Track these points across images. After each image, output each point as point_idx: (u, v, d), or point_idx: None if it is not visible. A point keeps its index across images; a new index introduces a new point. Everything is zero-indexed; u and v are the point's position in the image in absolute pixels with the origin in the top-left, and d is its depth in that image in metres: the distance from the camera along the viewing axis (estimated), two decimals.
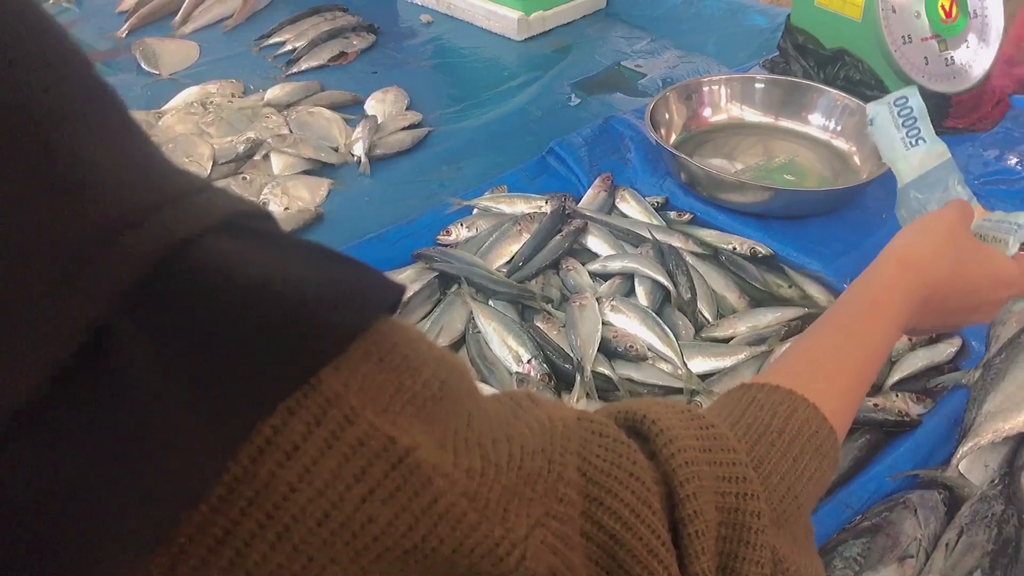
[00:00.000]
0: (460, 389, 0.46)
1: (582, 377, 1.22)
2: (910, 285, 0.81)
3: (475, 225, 1.56)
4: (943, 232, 0.86)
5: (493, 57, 2.29)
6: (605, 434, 0.53)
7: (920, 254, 0.84)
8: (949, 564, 0.98)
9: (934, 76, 1.75)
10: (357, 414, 0.39)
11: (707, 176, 1.59)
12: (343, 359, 0.39)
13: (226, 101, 2.07)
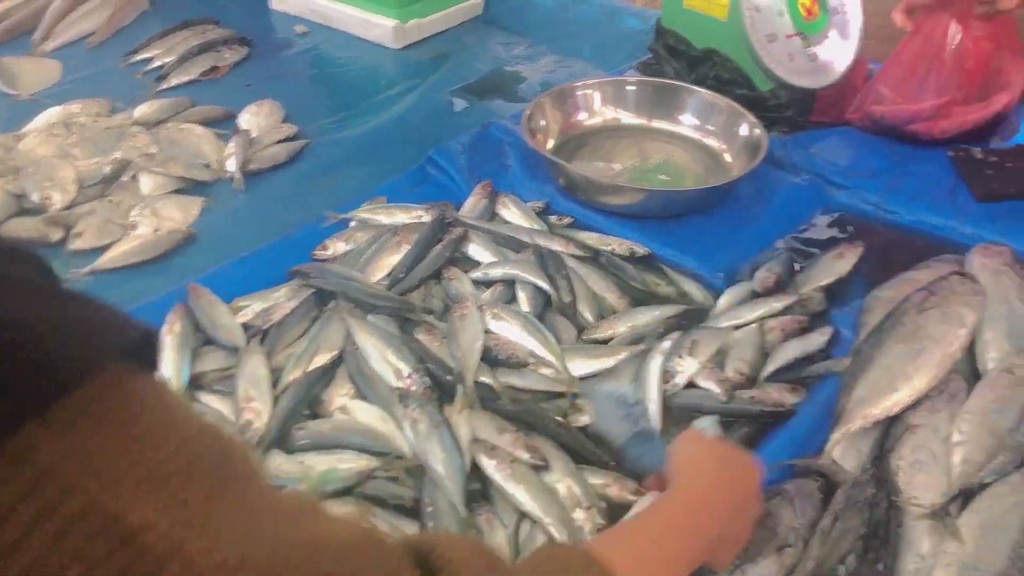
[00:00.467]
0: (225, 469, 0.42)
1: (464, 388, 1.21)
2: (703, 490, 0.87)
3: (353, 238, 1.53)
4: (709, 442, 0.97)
5: (370, 66, 2.26)
6: (386, 555, 0.51)
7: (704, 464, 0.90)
8: (825, 550, 1.00)
9: (799, 72, 1.81)
10: (76, 487, 0.35)
11: (585, 180, 1.60)
12: (67, 424, 0.36)
13: (91, 121, 1.98)
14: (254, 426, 1.16)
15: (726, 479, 0.90)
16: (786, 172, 1.71)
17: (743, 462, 0.94)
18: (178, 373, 1.24)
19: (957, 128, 1.74)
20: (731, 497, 0.88)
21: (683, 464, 0.90)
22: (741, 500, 0.90)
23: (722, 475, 0.90)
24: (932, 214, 1.59)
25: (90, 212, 1.66)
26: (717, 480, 0.89)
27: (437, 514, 1.06)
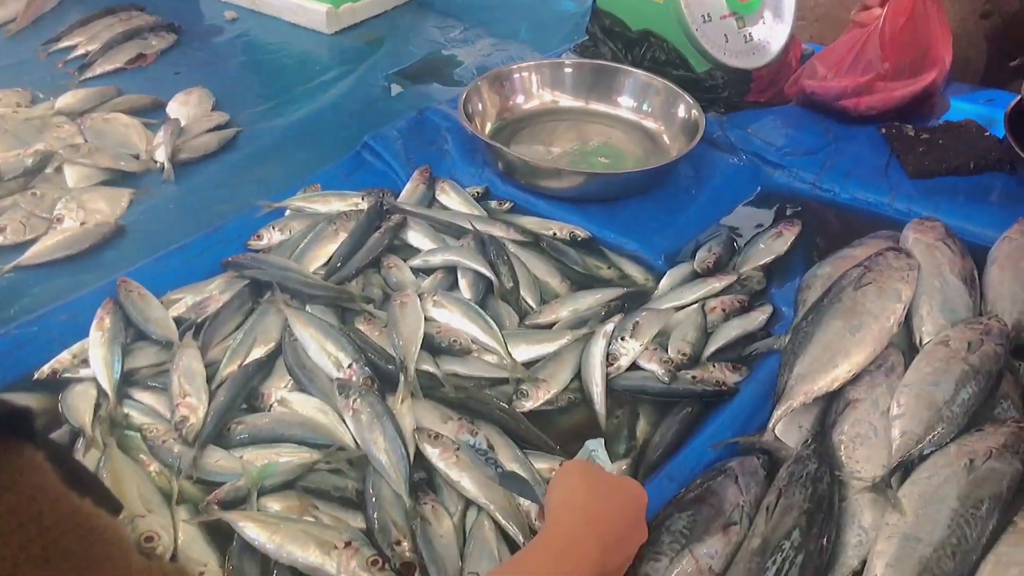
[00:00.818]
0: (86, 554, 0.40)
1: (406, 377, 1.19)
2: (576, 528, 0.85)
3: (288, 227, 1.50)
4: (581, 476, 0.92)
5: (303, 52, 2.22)
6: None
7: (576, 501, 0.89)
8: (770, 526, 1.00)
9: (734, 53, 1.82)
10: None
11: (524, 164, 1.58)
12: None
13: (11, 111, 1.91)
14: (190, 422, 1.12)
15: (602, 515, 0.88)
16: (724, 153, 1.72)
17: (623, 492, 0.92)
18: (109, 370, 1.20)
19: (883, 104, 1.77)
20: (609, 529, 0.87)
21: (555, 505, 0.89)
22: (620, 531, 0.89)
23: (597, 511, 0.88)
24: (866, 191, 1.62)
25: (12, 206, 1.59)
26: (590, 519, 0.87)
27: (381, 504, 1.04)
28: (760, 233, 1.52)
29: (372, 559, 0.96)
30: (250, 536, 0.99)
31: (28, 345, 1.26)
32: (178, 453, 1.11)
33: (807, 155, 1.72)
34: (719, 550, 0.98)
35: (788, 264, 1.46)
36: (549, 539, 0.85)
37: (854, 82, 1.77)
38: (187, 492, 1.08)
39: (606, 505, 0.89)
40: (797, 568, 0.96)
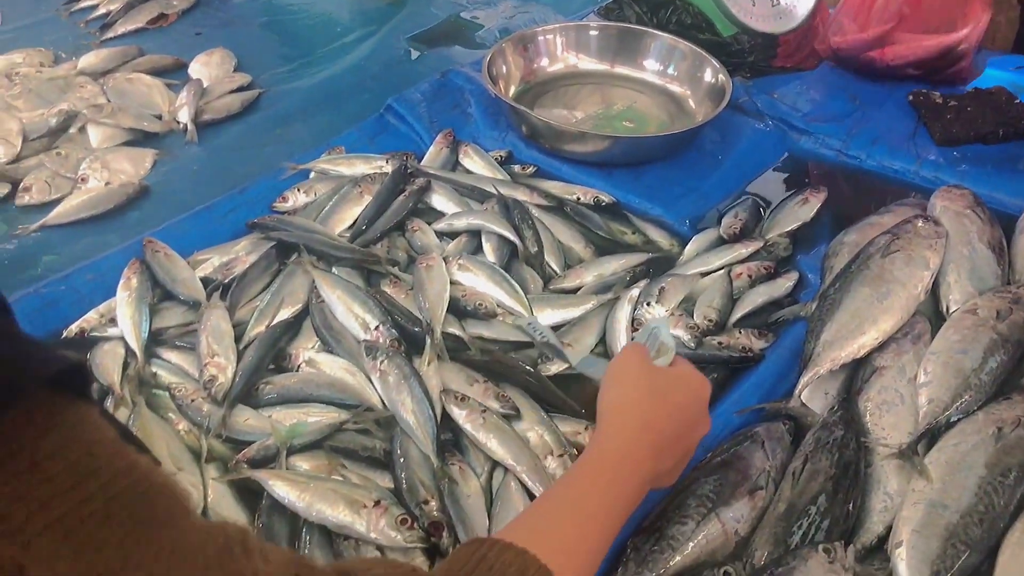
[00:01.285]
0: (148, 510, 0.40)
1: (432, 339, 1.19)
2: (631, 435, 0.82)
3: (313, 190, 1.50)
4: (640, 374, 0.88)
5: (325, 13, 2.20)
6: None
7: (630, 403, 0.85)
8: (796, 492, 1.01)
9: (761, 17, 1.79)
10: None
11: (548, 128, 1.57)
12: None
13: (34, 71, 1.91)
14: (218, 381, 1.13)
15: (657, 417, 0.84)
16: (750, 118, 1.71)
17: (682, 386, 0.89)
18: (137, 330, 1.21)
19: (911, 54, 1.75)
20: (666, 429, 0.84)
21: (607, 408, 0.86)
22: (677, 430, 0.86)
23: (652, 414, 0.84)
24: (893, 158, 1.60)
25: (37, 166, 1.60)
26: (644, 423, 0.84)
27: (409, 465, 1.05)
28: (786, 199, 1.51)
29: (401, 518, 0.97)
30: (280, 494, 1.00)
31: (57, 304, 1.27)
32: (207, 412, 1.12)
33: (834, 121, 1.70)
34: (745, 514, 0.99)
35: (814, 231, 1.46)
36: (600, 451, 0.82)
37: (879, 31, 1.75)
38: (216, 451, 1.09)
39: (662, 405, 0.86)
40: (823, 533, 0.97)
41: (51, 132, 1.70)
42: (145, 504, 0.39)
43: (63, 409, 0.37)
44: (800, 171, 1.62)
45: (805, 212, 1.47)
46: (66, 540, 0.35)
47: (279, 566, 0.48)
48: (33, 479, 0.34)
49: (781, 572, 0.89)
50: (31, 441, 0.35)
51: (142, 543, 0.38)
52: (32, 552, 0.33)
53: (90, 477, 0.36)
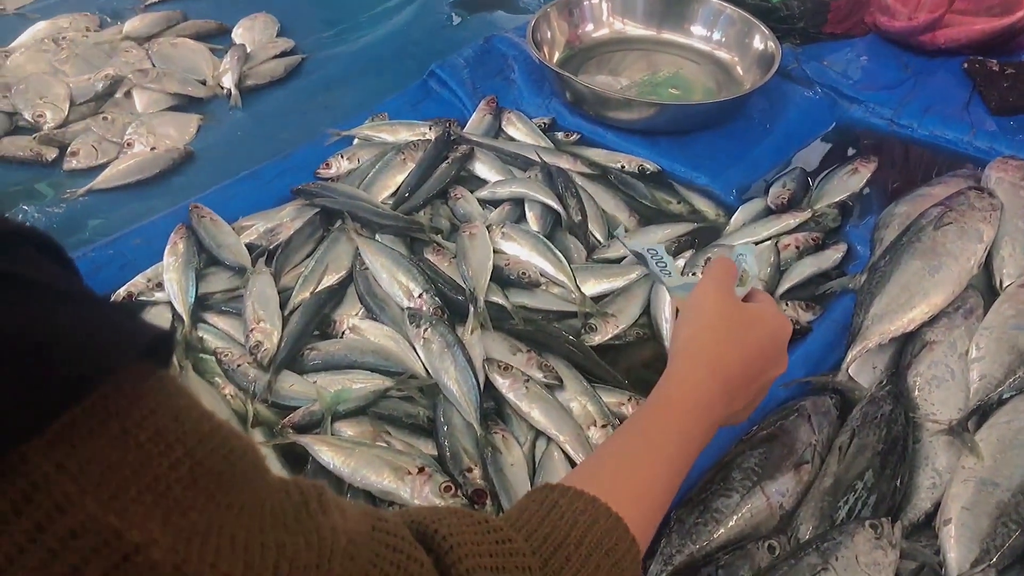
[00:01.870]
0: (230, 472, 0.40)
1: (475, 308, 1.19)
2: (701, 377, 0.80)
3: (356, 156, 1.50)
4: (716, 313, 0.85)
5: None
6: (400, 549, 0.50)
7: (702, 344, 0.83)
8: (843, 467, 1.00)
9: None
10: (72, 501, 0.33)
11: (593, 94, 1.55)
12: (63, 432, 0.33)
13: (80, 36, 1.92)
14: (264, 347, 1.14)
15: (730, 359, 0.81)
16: (799, 86, 1.67)
17: (760, 326, 0.85)
18: (184, 294, 1.22)
19: (965, 37, 1.70)
20: (738, 372, 0.82)
21: (680, 348, 0.83)
22: (750, 372, 0.83)
23: (726, 357, 0.81)
24: (946, 128, 1.56)
25: (84, 130, 1.61)
26: (718, 363, 0.81)
27: (452, 432, 1.05)
28: (835, 169, 1.48)
29: (445, 485, 0.98)
30: (325, 460, 1.01)
31: (104, 268, 1.29)
32: (253, 377, 1.13)
33: (885, 89, 1.66)
34: (790, 488, 0.98)
35: (864, 202, 1.43)
36: (669, 394, 0.80)
37: (927, 18, 1.69)
38: (262, 415, 1.10)
39: (736, 347, 0.82)
40: (870, 509, 0.96)
41: (97, 97, 1.71)
42: (228, 467, 0.40)
43: (148, 376, 0.38)
44: (849, 141, 1.59)
45: (855, 182, 1.44)
46: (156, 505, 0.35)
47: (356, 520, 0.48)
48: (124, 447, 0.35)
49: (827, 547, 0.88)
50: (121, 410, 0.35)
51: (224, 505, 0.39)
52: (128, 518, 0.34)
53: (177, 443, 0.37)
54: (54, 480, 0.33)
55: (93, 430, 0.34)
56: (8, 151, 1.56)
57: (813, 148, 1.57)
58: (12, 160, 1.55)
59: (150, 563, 0.34)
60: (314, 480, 0.49)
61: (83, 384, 0.34)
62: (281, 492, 0.44)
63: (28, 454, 0.32)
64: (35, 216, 1.42)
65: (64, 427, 0.33)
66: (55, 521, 0.32)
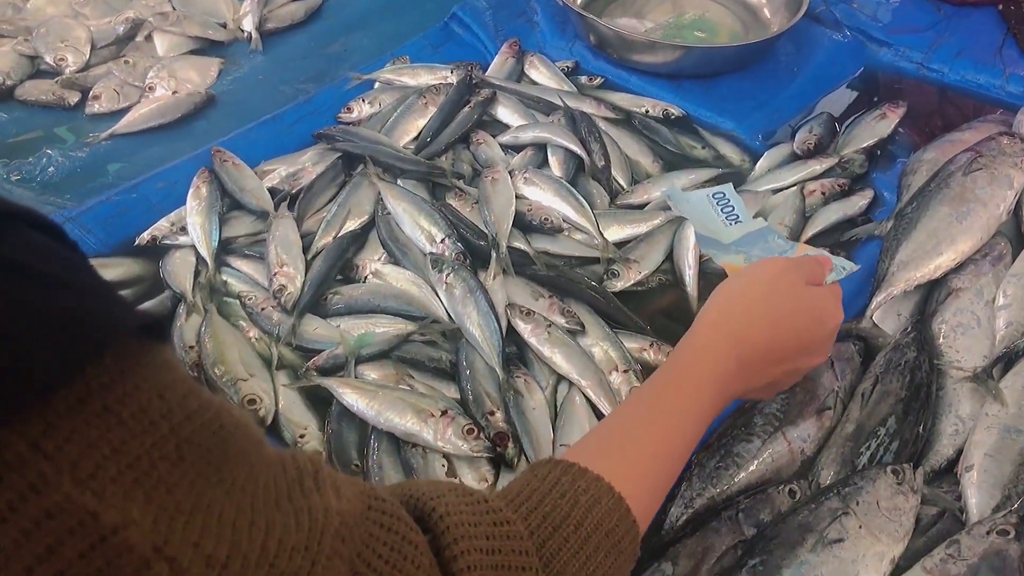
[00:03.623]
0: (221, 449, 0.39)
1: (498, 254, 1.19)
2: (721, 351, 0.77)
3: (378, 100, 1.49)
4: (762, 288, 0.81)
5: None
6: (395, 530, 0.50)
7: (731, 316, 0.80)
8: (865, 413, 1.00)
9: None
10: (47, 482, 0.32)
11: (617, 37, 1.53)
12: (38, 411, 0.33)
13: None
14: (288, 291, 1.15)
15: (759, 333, 0.79)
16: (827, 29, 1.64)
17: (809, 308, 0.83)
18: (207, 238, 1.23)
19: None
20: (762, 348, 0.79)
21: (712, 314, 0.80)
22: (777, 352, 0.81)
23: (754, 327, 0.79)
24: (978, 72, 1.53)
25: (106, 74, 1.61)
26: (742, 335, 0.78)
27: (475, 376, 1.06)
28: (863, 114, 1.46)
29: (468, 428, 0.99)
30: (348, 402, 1.02)
31: (128, 211, 1.29)
32: (277, 320, 1.13)
33: (915, 33, 1.62)
34: (812, 434, 0.98)
35: (891, 147, 1.41)
36: (685, 366, 0.77)
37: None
38: (286, 358, 1.11)
39: (767, 327, 0.79)
40: (891, 455, 0.96)
41: (118, 40, 1.70)
42: (218, 443, 0.39)
43: (133, 352, 0.37)
44: (877, 85, 1.56)
45: (882, 128, 1.42)
46: (137, 484, 0.35)
47: (351, 500, 0.48)
48: (104, 424, 0.34)
49: (848, 491, 0.88)
50: (103, 386, 0.35)
51: (213, 482, 0.38)
52: (106, 499, 0.34)
53: (161, 420, 0.36)
54: (28, 460, 0.32)
55: (72, 407, 0.34)
56: (31, 95, 1.56)
57: (840, 93, 1.54)
58: (35, 104, 1.55)
59: (127, 545, 0.34)
60: (311, 454, 0.48)
61: (66, 369, 0.33)
62: (276, 467, 0.44)
63: (1, 434, 0.31)
64: (58, 160, 1.42)
65: (42, 404, 0.33)
66: (28, 501, 0.32)
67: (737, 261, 0.96)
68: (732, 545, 0.88)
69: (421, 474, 0.96)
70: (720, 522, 0.90)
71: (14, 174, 1.40)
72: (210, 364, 1.07)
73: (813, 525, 0.86)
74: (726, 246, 1.00)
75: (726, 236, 1.00)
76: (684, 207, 1.07)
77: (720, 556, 0.87)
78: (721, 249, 1.00)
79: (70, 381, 0.34)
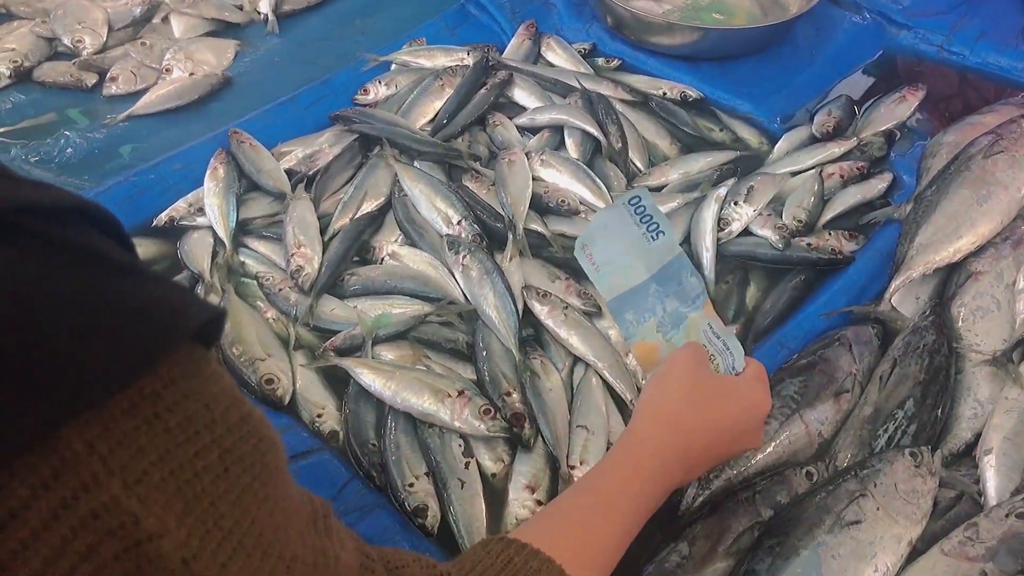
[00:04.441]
0: (261, 463, 0.40)
1: (514, 235, 1.19)
2: (663, 440, 0.77)
3: (394, 82, 1.48)
4: (686, 380, 0.81)
5: None
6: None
7: (668, 407, 0.80)
8: (883, 396, 0.99)
9: None
10: (99, 481, 0.33)
11: (634, 18, 1.52)
12: (96, 411, 0.33)
13: None
14: (305, 272, 1.15)
15: (695, 424, 0.79)
16: (846, 11, 1.63)
17: (735, 396, 0.82)
18: (225, 219, 1.23)
19: None
20: (700, 440, 0.79)
21: (644, 406, 0.81)
22: (712, 442, 0.80)
23: (691, 420, 0.79)
24: (999, 55, 1.52)
25: (123, 56, 1.61)
26: (679, 426, 0.78)
27: (491, 357, 1.06)
28: (882, 97, 1.45)
29: (484, 408, 0.99)
30: (366, 382, 1.03)
31: (146, 192, 1.30)
32: (294, 301, 1.14)
33: (936, 15, 1.61)
34: (829, 416, 0.98)
35: (911, 130, 1.40)
36: (629, 454, 0.78)
37: None
38: (304, 339, 1.11)
39: (701, 414, 0.80)
40: (909, 438, 0.96)
41: (135, 22, 1.71)
42: (258, 457, 0.39)
43: (185, 359, 0.37)
44: (897, 68, 1.54)
45: (902, 111, 1.41)
46: (179, 492, 0.35)
47: (351, 554, 0.49)
48: (153, 431, 0.35)
49: (866, 474, 0.88)
50: (154, 392, 0.35)
51: (258, 497, 0.39)
52: (148, 505, 0.34)
53: (205, 430, 0.37)
54: (84, 459, 0.32)
55: (125, 411, 0.34)
56: (48, 76, 1.56)
57: (859, 76, 1.53)
58: (52, 85, 1.56)
59: (159, 553, 0.34)
60: (319, 499, 0.49)
61: (132, 370, 0.34)
62: (298, 493, 0.44)
63: (62, 430, 0.32)
64: (76, 141, 1.43)
65: (101, 405, 0.33)
66: (79, 499, 0.32)
67: (654, 338, 0.93)
68: (749, 526, 0.88)
69: (438, 454, 0.97)
70: (737, 503, 0.90)
71: (32, 155, 1.41)
72: (228, 344, 1.08)
73: (831, 506, 0.86)
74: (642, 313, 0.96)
75: (647, 258, 0.97)
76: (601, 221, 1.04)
77: (737, 537, 0.87)
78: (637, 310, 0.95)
79: (131, 383, 0.34)
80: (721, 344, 0.89)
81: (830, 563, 0.82)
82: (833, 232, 1.21)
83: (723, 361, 0.88)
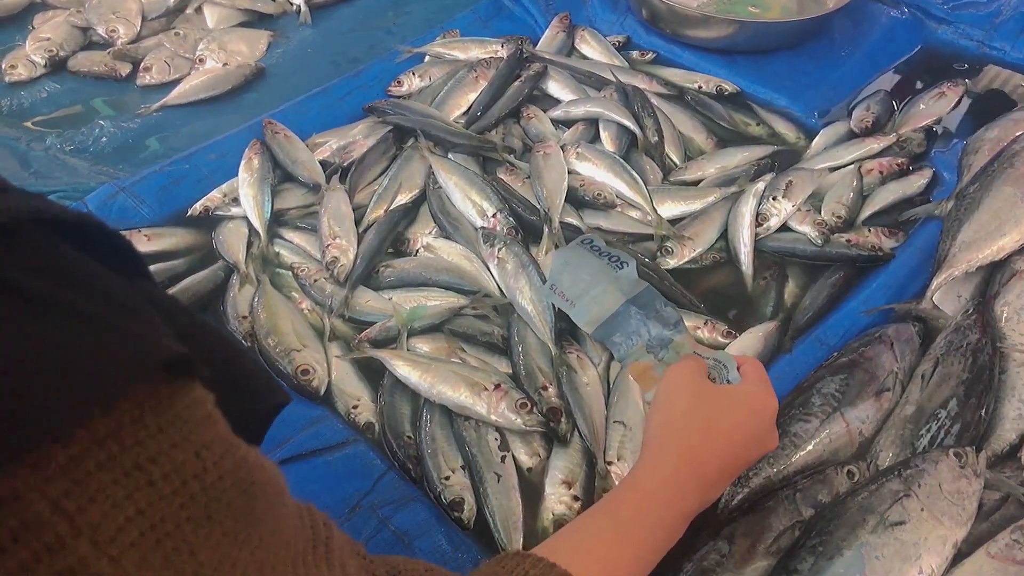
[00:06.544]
0: (249, 507, 0.38)
1: (550, 229, 1.18)
2: (671, 469, 0.76)
3: (428, 74, 1.48)
4: (688, 403, 0.80)
5: None
6: None
7: (674, 433, 0.78)
8: (925, 395, 0.98)
9: None
10: (64, 544, 0.31)
11: (669, 11, 1.51)
12: (66, 466, 0.31)
13: None
14: (340, 263, 1.15)
15: (704, 447, 0.78)
16: (885, 5, 1.60)
17: (739, 406, 0.81)
18: (260, 209, 1.23)
19: None
20: (712, 460, 0.77)
21: (653, 435, 0.80)
22: (726, 459, 0.79)
23: (700, 443, 0.78)
24: None
25: (156, 46, 1.62)
26: (690, 452, 0.77)
27: (527, 351, 1.05)
28: (921, 92, 1.43)
29: (521, 402, 0.98)
30: (401, 374, 1.02)
31: (181, 182, 1.30)
32: (329, 292, 1.14)
33: (976, 9, 1.59)
34: (870, 415, 0.97)
35: (951, 126, 1.38)
36: (640, 482, 0.76)
37: None
38: (338, 330, 1.11)
39: (709, 435, 0.78)
40: (952, 438, 0.94)
41: (168, 12, 1.71)
42: (247, 501, 0.38)
43: (175, 403, 0.35)
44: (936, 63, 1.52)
45: (941, 106, 1.39)
46: (158, 546, 0.33)
47: (354, 570, 0.48)
48: (133, 484, 0.33)
49: (910, 474, 0.87)
50: (137, 442, 0.33)
51: (240, 541, 0.37)
52: (121, 565, 0.32)
53: (193, 480, 0.35)
54: (47, 520, 0.31)
55: (102, 464, 0.32)
56: (83, 66, 1.57)
57: (898, 70, 1.52)
58: (87, 75, 1.56)
59: None
60: (324, 515, 0.48)
61: (78, 413, 0.32)
62: (296, 520, 0.43)
63: (21, 490, 0.30)
64: (110, 131, 1.44)
65: (71, 459, 0.31)
66: (42, 562, 0.31)
67: (646, 359, 0.92)
68: (790, 525, 0.87)
69: (474, 447, 0.96)
70: (777, 501, 0.89)
71: (67, 144, 1.41)
72: (263, 335, 1.08)
73: (874, 506, 0.85)
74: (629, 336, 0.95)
75: (619, 284, 0.96)
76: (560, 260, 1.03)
77: (778, 536, 0.86)
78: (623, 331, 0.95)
79: (84, 424, 0.32)
80: (712, 360, 0.88)
81: (874, 564, 0.81)
82: (873, 228, 1.20)
83: (718, 375, 0.87)
